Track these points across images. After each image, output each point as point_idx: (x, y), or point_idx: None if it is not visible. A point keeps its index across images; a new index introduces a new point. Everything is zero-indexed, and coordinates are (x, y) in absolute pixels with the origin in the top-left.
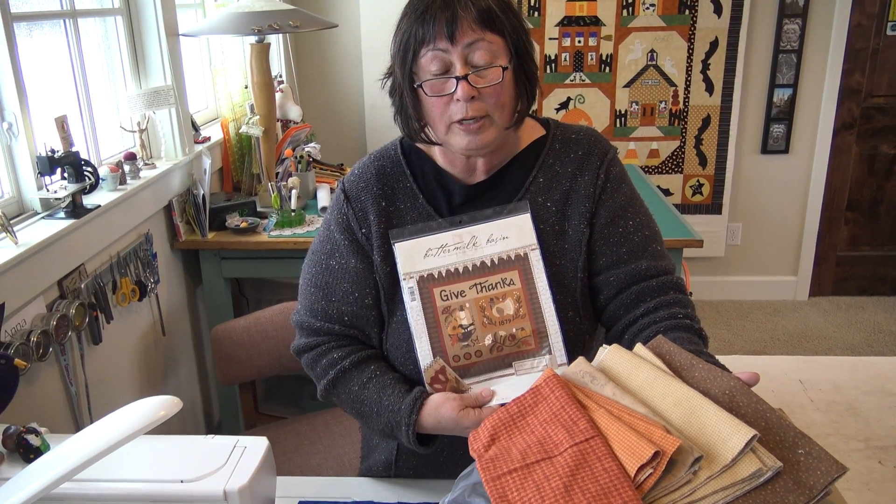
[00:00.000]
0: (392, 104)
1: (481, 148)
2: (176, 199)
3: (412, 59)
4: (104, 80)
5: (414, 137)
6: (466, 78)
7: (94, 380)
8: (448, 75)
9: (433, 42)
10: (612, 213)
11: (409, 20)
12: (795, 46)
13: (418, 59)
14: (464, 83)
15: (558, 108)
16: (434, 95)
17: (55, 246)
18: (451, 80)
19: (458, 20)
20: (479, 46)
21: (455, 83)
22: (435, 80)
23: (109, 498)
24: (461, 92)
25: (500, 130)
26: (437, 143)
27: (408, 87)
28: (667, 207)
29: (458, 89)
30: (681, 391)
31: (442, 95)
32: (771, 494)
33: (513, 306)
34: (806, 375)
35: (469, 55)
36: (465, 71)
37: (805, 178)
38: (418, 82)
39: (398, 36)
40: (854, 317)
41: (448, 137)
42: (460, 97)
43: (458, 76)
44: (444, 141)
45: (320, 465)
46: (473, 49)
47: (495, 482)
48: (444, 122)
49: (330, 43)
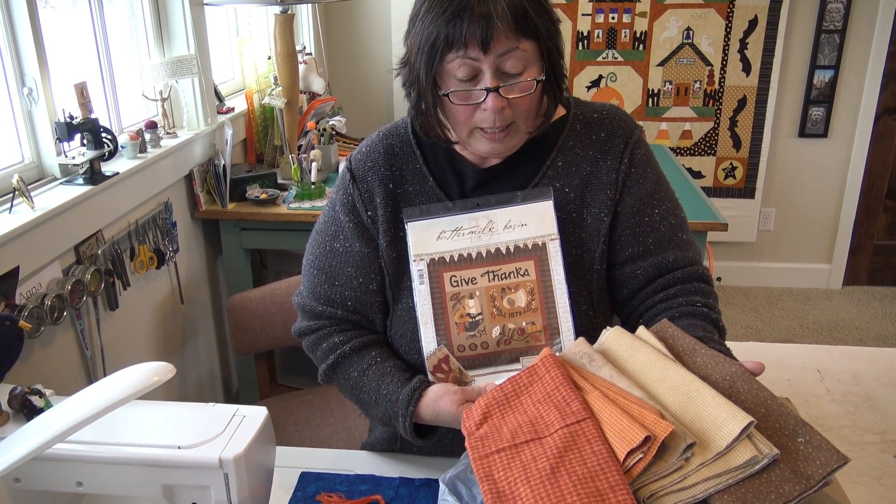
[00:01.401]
0: (406, 97)
1: (504, 153)
2: (197, 168)
3: (437, 62)
4: (128, 48)
5: (429, 136)
6: (497, 90)
7: (109, 344)
8: (476, 84)
9: (464, 49)
10: (639, 200)
11: (436, 17)
12: (839, 26)
13: (444, 63)
14: (494, 95)
15: (589, 87)
16: (460, 104)
17: (72, 211)
18: (480, 91)
19: (493, 27)
20: (512, 56)
21: (484, 94)
22: (462, 90)
23: (107, 461)
24: (491, 104)
25: (524, 136)
26: (455, 143)
27: (430, 89)
28: (693, 189)
29: (487, 100)
30: (679, 375)
31: (468, 104)
32: (766, 483)
33: (525, 298)
34: (824, 365)
35: (501, 64)
36: (496, 83)
37: (843, 163)
38: (444, 90)
39: (421, 33)
40: (888, 308)
41: (470, 140)
42: (489, 108)
43: (489, 88)
44: (465, 142)
45: (330, 438)
46: (506, 58)
47: (483, 461)
48: (468, 127)
49: (360, 15)
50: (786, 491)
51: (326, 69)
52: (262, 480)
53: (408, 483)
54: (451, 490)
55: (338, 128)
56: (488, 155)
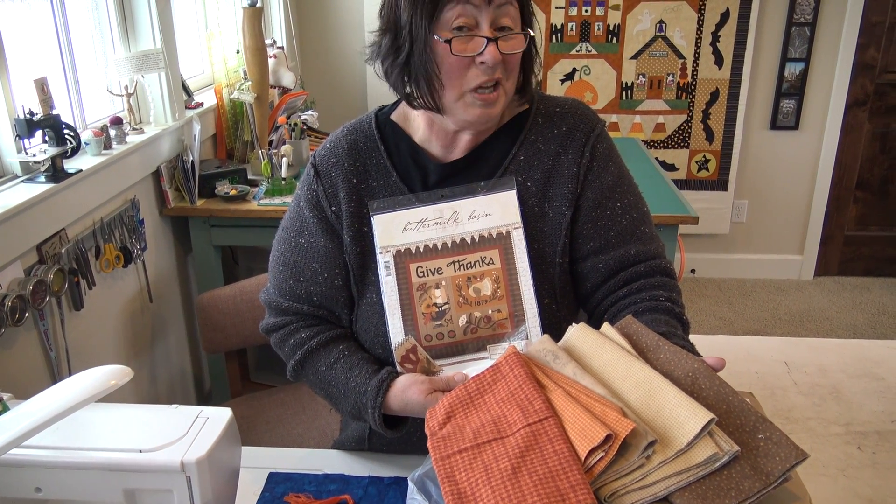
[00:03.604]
0: (385, 70)
1: (487, 121)
2: (165, 165)
3: (438, 10)
4: (91, 42)
5: (416, 102)
6: (496, 41)
7: (75, 345)
8: (474, 34)
9: None
10: (600, 194)
11: None
12: (809, 19)
13: (443, 12)
14: (493, 46)
15: (563, 80)
16: (458, 55)
17: (33, 210)
18: (479, 40)
19: None
20: (507, 11)
21: (483, 44)
22: (461, 36)
23: (67, 465)
24: (489, 55)
25: (506, 102)
26: (436, 110)
27: (424, 42)
28: (664, 182)
29: (485, 52)
30: (642, 373)
31: (465, 56)
32: (726, 480)
33: (490, 287)
34: (792, 357)
35: (497, 17)
36: (493, 34)
37: (814, 155)
38: (443, 38)
39: None
40: (859, 298)
41: (456, 106)
42: (487, 60)
43: (489, 37)
44: (450, 109)
45: (302, 437)
46: (502, 12)
47: (444, 461)
48: (459, 89)
49: (333, 8)
50: (745, 488)
51: (299, 63)
52: (226, 482)
53: (377, 482)
54: (420, 488)
55: (309, 122)
56: (472, 125)
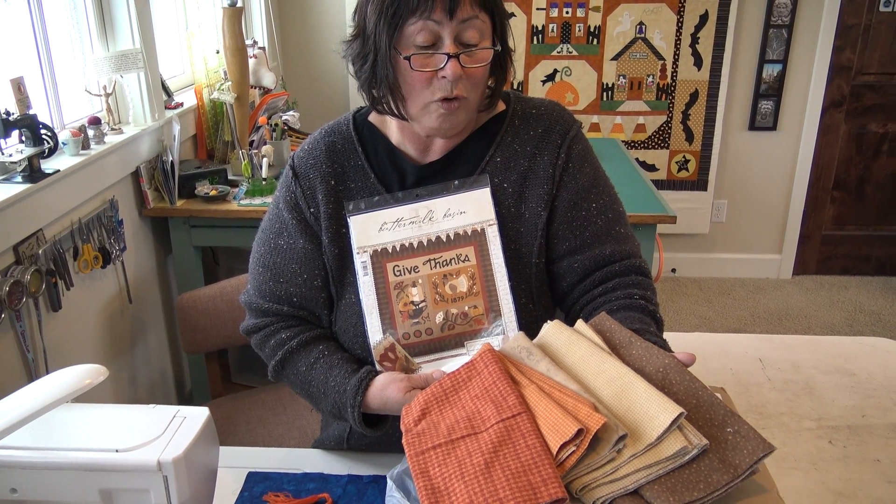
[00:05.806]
0: (355, 72)
1: (452, 129)
2: (144, 165)
3: (400, 25)
4: (69, 42)
5: (379, 108)
6: (458, 57)
7: (53, 346)
8: (436, 50)
9: (428, 12)
10: (575, 195)
11: None
12: (787, 21)
13: (404, 27)
14: (454, 62)
15: (544, 81)
16: (419, 70)
17: (10, 210)
18: (440, 56)
19: None
20: (472, 24)
21: (444, 60)
22: (422, 53)
23: (43, 466)
24: (450, 71)
25: (472, 112)
26: (403, 117)
27: (387, 55)
28: (643, 182)
29: (446, 67)
30: (614, 368)
31: (425, 71)
32: (695, 473)
33: (466, 283)
34: (766, 354)
35: (461, 32)
36: (455, 49)
37: (792, 155)
38: (404, 54)
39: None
40: (836, 296)
41: (421, 114)
42: (448, 76)
43: (450, 53)
44: (415, 117)
45: (282, 436)
46: (467, 27)
47: (418, 457)
48: (422, 100)
49: (314, 9)
50: (714, 480)
51: (280, 63)
52: (204, 482)
53: (356, 480)
54: (399, 486)
55: (291, 123)
56: (438, 132)
